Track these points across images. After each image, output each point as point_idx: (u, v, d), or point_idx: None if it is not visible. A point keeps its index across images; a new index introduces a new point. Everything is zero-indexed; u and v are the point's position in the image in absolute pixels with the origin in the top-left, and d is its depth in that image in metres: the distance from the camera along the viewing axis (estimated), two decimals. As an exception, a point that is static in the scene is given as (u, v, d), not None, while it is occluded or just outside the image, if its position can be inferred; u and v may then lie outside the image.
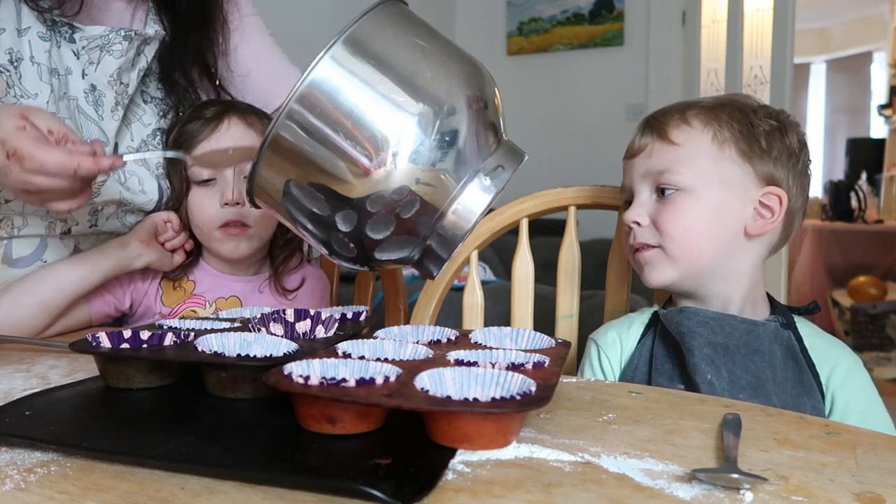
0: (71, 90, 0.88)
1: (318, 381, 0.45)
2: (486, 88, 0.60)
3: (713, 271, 0.78)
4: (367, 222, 0.56)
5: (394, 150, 0.54)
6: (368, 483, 0.39)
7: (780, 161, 0.77)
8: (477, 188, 0.58)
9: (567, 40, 3.59)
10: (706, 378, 0.72)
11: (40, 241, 0.92)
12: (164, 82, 0.98)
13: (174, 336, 0.59)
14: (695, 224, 0.76)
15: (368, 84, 0.55)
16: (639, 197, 0.80)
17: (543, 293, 1.14)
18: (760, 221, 0.77)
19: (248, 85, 1.05)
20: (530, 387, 0.46)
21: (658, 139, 0.79)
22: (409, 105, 0.55)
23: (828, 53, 6.58)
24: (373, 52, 0.55)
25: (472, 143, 0.57)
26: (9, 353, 0.73)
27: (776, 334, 0.76)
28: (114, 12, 0.93)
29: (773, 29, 3.21)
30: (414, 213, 0.56)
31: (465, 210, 0.58)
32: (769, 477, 0.42)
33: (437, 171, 0.56)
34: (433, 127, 0.55)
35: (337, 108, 0.54)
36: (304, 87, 0.54)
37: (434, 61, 0.57)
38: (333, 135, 0.54)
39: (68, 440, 0.45)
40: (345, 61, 0.54)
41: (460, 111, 0.57)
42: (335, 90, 0.54)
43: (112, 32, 0.89)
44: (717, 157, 0.76)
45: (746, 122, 0.77)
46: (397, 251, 0.59)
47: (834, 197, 4.22)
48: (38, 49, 0.85)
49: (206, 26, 0.99)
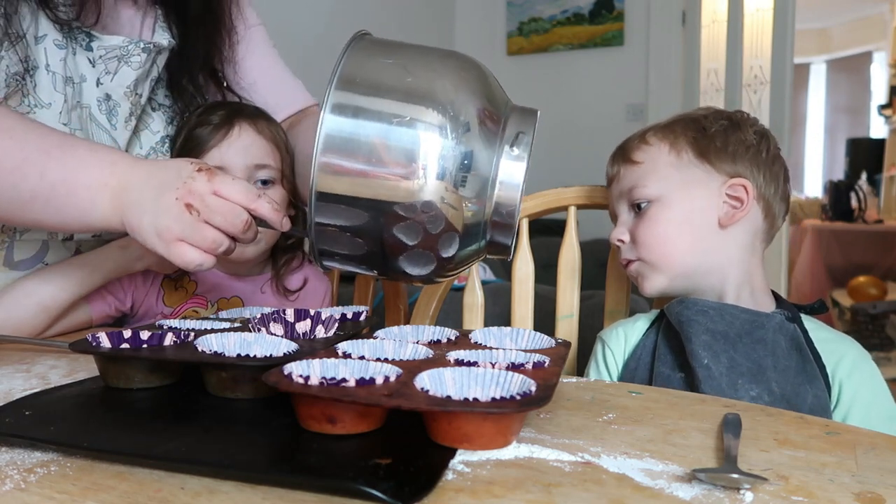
0: (84, 98, 0.88)
1: (318, 381, 0.45)
2: (472, 71, 0.62)
3: (700, 268, 0.82)
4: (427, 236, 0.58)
5: (423, 162, 0.56)
6: (368, 483, 0.39)
7: (738, 155, 0.83)
8: (508, 161, 0.60)
9: (567, 40, 3.59)
10: (703, 363, 0.74)
11: (42, 245, 0.92)
12: (172, 89, 0.98)
13: (174, 336, 0.59)
14: (666, 229, 0.82)
15: (376, 114, 0.57)
16: (620, 216, 0.88)
17: (543, 293, 1.14)
18: (731, 212, 0.81)
19: (254, 94, 1.05)
20: (530, 387, 0.46)
21: (624, 163, 0.87)
22: (421, 115, 0.57)
23: (828, 53, 6.59)
24: (365, 84, 0.58)
25: (486, 126, 0.59)
26: (9, 353, 0.73)
27: (781, 326, 0.77)
28: (124, 20, 0.93)
29: (773, 29, 3.21)
30: (463, 209, 0.59)
31: (508, 185, 0.60)
32: (769, 477, 0.42)
33: (469, 164, 0.58)
34: (448, 127, 0.57)
35: (360, 147, 0.57)
36: (322, 145, 0.57)
37: (421, 70, 0.60)
38: (367, 168, 0.57)
39: (68, 440, 0.45)
40: (346, 102, 0.57)
41: (461, 101, 0.58)
42: (350, 133, 0.57)
43: (131, 44, 0.89)
44: (677, 164, 0.83)
45: (699, 128, 0.84)
46: (467, 248, 0.61)
47: (834, 197, 4.22)
48: (53, 57, 0.84)
49: (214, 33, 0.99)
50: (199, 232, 0.65)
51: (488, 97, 0.61)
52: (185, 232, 0.65)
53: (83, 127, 0.88)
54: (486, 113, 0.60)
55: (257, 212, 0.67)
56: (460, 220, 0.58)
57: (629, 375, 0.82)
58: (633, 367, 0.82)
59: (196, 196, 0.65)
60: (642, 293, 0.85)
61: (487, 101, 0.60)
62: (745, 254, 0.82)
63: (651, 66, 3.40)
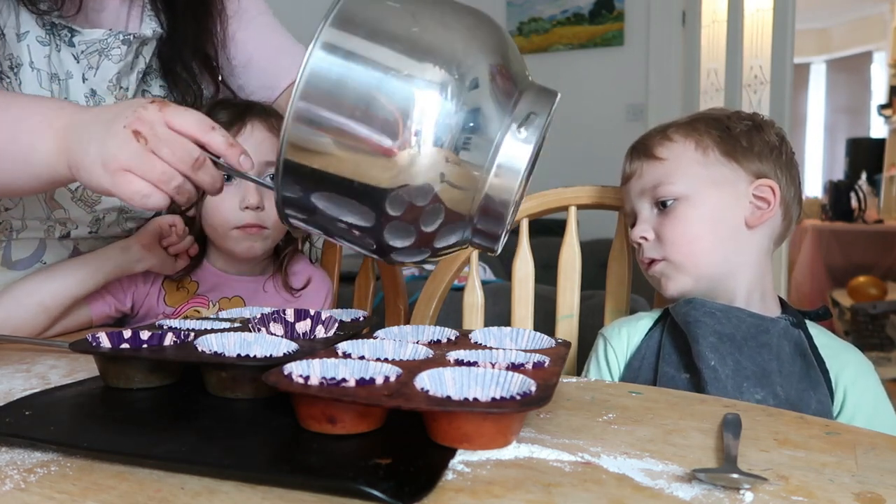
0: (72, 95, 0.87)
1: (318, 381, 0.45)
2: (494, 36, 0.55)
3: (723, 268, 0.80)
4: (396, 219, 0.52)
5: (416, 126, 0.50)
6: (368, 483, 0.39)
7: (763, 155, 0.81)
8: (513, 142, 0.52)
9: (567, 40, 3.59)
10: (710, 364, 0.73)
11: (39, 243, 0.91)
12: (166, 78, 0.96)
13: (174, 336, 0.59)
14: (694, 228, 0.80)
15: (370, 61, 0.51)
16: (641, 214, 0.85)
17: (543, 293, 1.14)
18: (758, 213, 0.80)
19: (250, 72, 1.02)
20: (530, 387, 0.46)
21: (646, 159, 0.85)
22: (419, 71, 0.50)
23: (828, 53, 6.59)
24: (365, 27, 0.52)
25: (494, 96, 0.52)
26: (9, 353, 0.73)
27: (786, 331, 0.77)
28: (109, 11, 0.91)
29: (773, 29, 3.21)
30: (454, 191, 0.52)
31: (508, 169, 0.52)
32: (769, 477, 0.42)
33: (467, 138, 0.51)
34: (449, 90, 0.50)
35: (346, 96, 0.50)
36: (304, 83, 0.50)
37: (430, 21, 0.53)
38: (351, 125, 0.50)
39: (68, 440, 0.45)
40: (339, 43, 0.51)
41: (472, 65, 0.52)
42: (338, 77, 0.50)
43: (110, 36, 0.87)
44: (704, 161, 0.81)
45: (723, 127, 0.82)
46: (449, 231, 0.55)
47: (834, 197, 4.22)
48: (37, 54, 0.83)
49: (204, 16, 0.96)
50: (147, 162, 0.60)
51: (502, 65, 0.54)
52: (131, 161, 0.60)
53: None
54: (497, 83, 0.53)
55: (210, 146, 0.62)
56: (450, 199, 0.52)
57: (633, 375, 0.82)
58: (636, 367, 0.82)
59: (146, 124, 0.61)
60: (664, 294, 0.83)
61: (500, 70, 0.53)
62: (763, 257, 0.82)
63: (651, 66, 3.40)
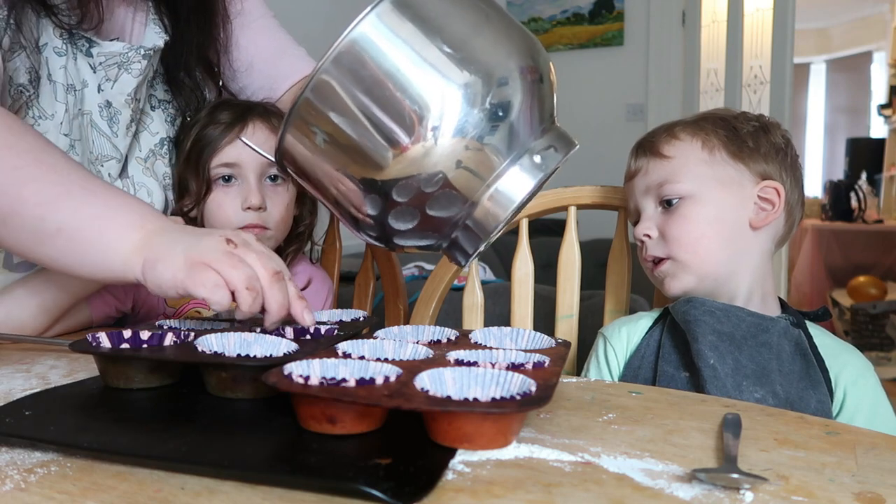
0: (86, 105, 0.87)
1: (318, 381, 0.45)
2: (541, 62, 0.55)
3: (727, 268, 0.81)
4: (394, 207, 0.53)
5: (434, 123, 0.50)
6: (368, 483, 0.39)
7: (769, 157, 0.82)
8: (516, 171, 0.53)
9: (567, 40, 3.59)
10: (709, 363, 0.74)
11: None
12: (170, 83, 0.97)
13: (174, 336, 0.59)
14: (699, 228, 0.80)
15: (413, 48, 0.51)
16: (645, 212, 0.85)
17: (543, 293, 1.14)
18: (763, 214, 0.80)
19: (252, 75, 1.02)
20: (530, 387, 0.46)
21: (652, 157, 0.85)
22: (455, 74, 0.51)
23: (828, 53, 6.59)
24: (423, 14, 0.51)
25: (525, 118, 0.53)
26: (9, 353, 0.73)
27: (786, 331, 0.77)
28: (117, 18, 0.92)
29: (773, 29, 3.21)
30: (447, 198, 0.53)
31: (503, 196, 0.53)
32: (769, 477, 0.42)
33: (482, 148, 0.51)
34: (480, 97, 0.51)
35: (377, 72, 0.50)
36: (344, 44, 0.50)
37: (493, 27, 0.53)
38: (370, 103, 0.50)
39: (68, 440, 0.45)
40: (390, 21, 0.51)
41: (514, 81, 0.52)
42: (378, 52, 0.50)
43: (131, 50, 0.87)
44: (710, 161, 0.81)
45: (730, 127, 0.82)
46: (420, 239, 0.56)
47: (834, 197, 4.21)
48: (54, 66, 0.83)
49: (208, 23, 0.96)
50: (228, 259, 0.60)
51: (540, 93, 0.54)
52: (212, 256, 0.61)
53: (83, 136, 0.87)
54: (531, 107, 0.53)
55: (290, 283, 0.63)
56: (457, 186, 0.52)
57: (632, 374, 0.82)
58: (636, 366, 0.82)
59: (239, 237, 0.63)
60: (666, 293, 0.83)
61: (538, 97, 0.54)
62: (765, 258, 0.82)
63: (651, 66, 3.40)
